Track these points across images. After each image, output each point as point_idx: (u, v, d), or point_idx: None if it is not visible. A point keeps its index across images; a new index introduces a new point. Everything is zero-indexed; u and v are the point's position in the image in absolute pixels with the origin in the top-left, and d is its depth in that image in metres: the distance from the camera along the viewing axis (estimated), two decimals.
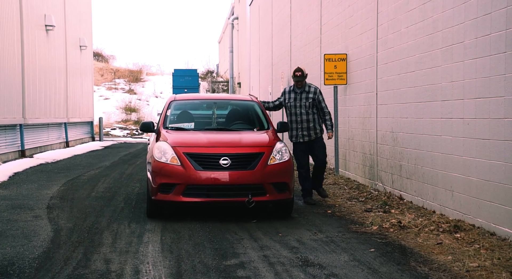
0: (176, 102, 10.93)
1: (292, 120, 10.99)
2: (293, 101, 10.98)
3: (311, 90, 11.02)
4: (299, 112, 10.92)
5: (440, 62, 9.21)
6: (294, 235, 8.07)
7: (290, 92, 11.10)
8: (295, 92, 11.02)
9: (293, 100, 10.98)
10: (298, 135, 10.94)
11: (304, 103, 10.91)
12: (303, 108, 10.91)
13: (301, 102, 10.92)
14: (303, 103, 10.91)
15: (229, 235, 8.04)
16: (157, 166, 8.99)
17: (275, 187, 9.03)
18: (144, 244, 7.47)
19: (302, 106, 10.91)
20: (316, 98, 10.98)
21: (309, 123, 10.91)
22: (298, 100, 10.94)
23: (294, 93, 11.02)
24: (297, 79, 10.90)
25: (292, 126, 10.97)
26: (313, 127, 10.94)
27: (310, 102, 10.93)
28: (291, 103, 11.00)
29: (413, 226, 8.34)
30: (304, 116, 10.91)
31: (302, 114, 10.92)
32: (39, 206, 10.28)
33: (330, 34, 16.11)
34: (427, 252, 7.01)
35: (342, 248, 7.29)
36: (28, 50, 20.59)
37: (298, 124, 10.93)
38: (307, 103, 10.91)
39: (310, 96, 10.95)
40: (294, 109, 10.96)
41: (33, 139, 21.34)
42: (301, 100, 10.93)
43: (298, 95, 10.96)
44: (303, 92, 10.96)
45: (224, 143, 9.30)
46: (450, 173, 8.93)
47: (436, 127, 9.37)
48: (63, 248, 7.25)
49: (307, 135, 10.91)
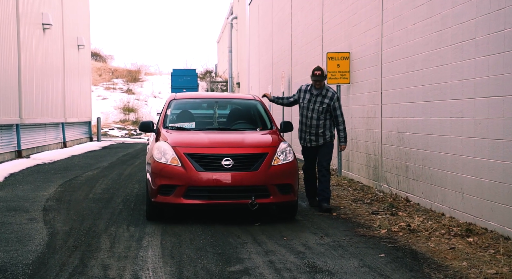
0: (176, 101, 10.61)
1: (302, 121, 10.31)
2: (307, 102, 10.20)
3: (328, 94, 10.15)
4: (310, 116, 10.16)
5: (449, 59, 8.91)
6: (300, 239, 7.76)
7: (306, 92, 10.29)
8: (311, 93, 10.21)
9: (307, 102, 10.20)
10: (305, 139, 10.27)
11: (317, 107, 10.09)
12: (316, 112, 10.11)
13: (315, 106, 10.11)
14: (316, 107, 10.10)
15: (232, 239, 7.73)
16: (157, 167, 8.68)
17: (279, 188, 8.72)
18: (143, 249, 7.15)
19: (315, 110, 10.11)
20: (332, 105, 10.10)
21: (318, 128, 10.14)
22: (312, 103, 10.14)
23: (310, 94, 10.21)
24: (316, 78, 10.06)
25: (301, 127, 10.31)
26: (322, 133, 10.17)
27: (325, 107, 10.09)
28: (304, 104, 10.25)
29: (423, 229, 8.04)
30: (314, 121, 10.13)
31: (313, 118, 10.15)
32: (35, 208, 9.96)
33: (333, 33, 15.81)
34: (440, 257, 6.70)
35: (351, 253, 6.98)
36: (25, 49, 20.27)
37: (307, 127, 10.21)
38: (320, 108, 10.09)
39: (325, 101, 10.09)
40: (306, 111, 10.22)
41: (29, 139, 21.02)
42: (315, 103, 10.11)
43: (313, 97, 10.15)
44: (319, 95, 10.12)
45: (226, 143, 8.99)
46: (460, 175, 8.62)
47: (445, 126, 9.07)
48: (59, 253, 6.93)
49: (314, 140, 10.19)
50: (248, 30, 35.62)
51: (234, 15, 43.80)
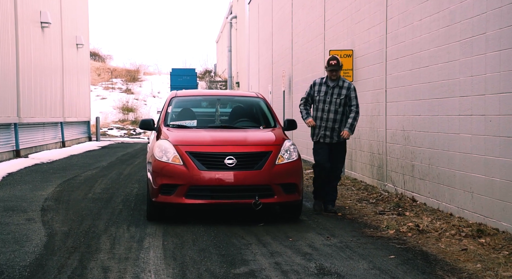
0: (178, 98, 10.38)
1: (317, 116, 9.63)
2: (323, 95, 9.58)
3: (345, 85, 9.60)
4: (327, 109, 9.54)
5: (457, 55, 8.69)
6: (306, 239, 7.53)
7: (321, 84, 9.67)
8: (327, 85, 9.61)
9: (323, 94, 9.58)
10: (319, 134, 9.60)
11: (335, 99, 9.52)
12: (333, 105, 9.52)
13: (332, 98, 9.52)
14: (334, 99, 9.52)
15: (235, 239, 7.50)
16: (158, 166, 8.45)
17: (283, 188, 8.49)
18: (145, 250, 6.92)
19: (333, 103, 9.52)
20: (349, 95, 9.56)
21: (335, 123, 9.54)
22: (329, 95, 9.54)
23: (326, 87, 9.61)
24: (332, 68, 9.48)
25: (317, 123, 9.64)
26: (338, 129, 9.56)
27: (342, 98, 9.53)
28: (320, 97, 9.59)
29: (432, 230, 7.81)
30: (331, 114, 9.53)
31: (330, 111, 9.52)
32: (33, 208, 9.73)
33: (335, 30, 15.59)
34: (452, 259, 6.47)
35: (359, 254, 6.75)
36: (23, 47, 20.03)
37: (322, 122, 9.58)
38: (338, 100, 9.52)
39: (343, 92, 9.55)
40: (322, 104, 9.57)
41: (28, 138, 20.78)
42: (333, 95, 9.53)
43: (330, 90, 9.56)
44: (336, 86, 9.57)
45: (229, 141, 8.77)
46: (469, 174, 8.40)
47: (454, 124, 8.85)
48: (57, 255, 6.70)
49: (329, 136, 9.55)
50: (248, 29, 35.40)
51: (234, 15, 43.61)
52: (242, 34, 39.22)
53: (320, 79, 9.80)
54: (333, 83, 9.58)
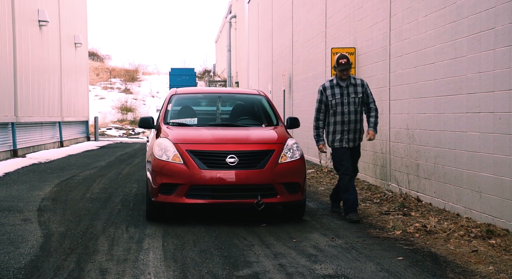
0: (178, 96, 10.15)
1: (337, 121, 8.86)
2: (340, 97, 8.83)
3: (358, 82, 8.92)
4: (347, 111, 8.82)
5: (465, 51, 8.47)
6: (310, 240, 7.31)
7: (332, 87, 8.91)
8: (340, 86, 8.88)
9: (340, 97, 8.83)
10: (343, 139, 8.85)
11: (353, 99, 8.84)
12: (352, 105, 8.83)
13: (349, 98, 8.83)
14: (351, 99, 8.83)
15: (237, 240, 7.28)
16: (158, 164, 8.23)
17: (287, 187, 8.26)
18: (144, 251, 6.70)
19: (351, 103, 8.82)
20: (366, 92, 8.93)
21: (357, 124, 8.89)
22: (346, 96, 8.84)
23: (339, 88, 8.87)
24: (343, 67, 8.77)
25: (336, 128, 8.87)
26: (360, 130, 8.99)
27: (360, 97, 8.88)
28: (337, 101, 8.84)
29: (440, 230, 7.58)
30: (353, 115, 8.84)
31: (350, 113, 8.82)
32: (29, 209, 9.50)
33: (337, 28, 15.37)
34: (463, 261, 6.24)
35: (366, 255, 6.52)
36: (21, 45, 19.80)
37: (345, 125, 8.84)
38: (356, 98, 8.84)
39: (359, 90, 8.88)
40: (341, 107, 8.82)
41: (25, 138, 20.55)
42: (349, 95, 8.84)
43: (344, 90, 8.84)
44: (350, 85, 8.88)
45: (230, 139, 8.54)
46: (477, 173, 8.18)
47: (461, 122, 8.63)
48: (53, 256, 6.47)
49: (352, 139, 8.90)
50: (247, 28, 35.19)
51: (233, 14, 43.41)
52: (242, 33, 39.01)
53: (329, 82, 9.06)
54: (345, 83, 8.90)
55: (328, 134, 8.99)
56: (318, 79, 17.17)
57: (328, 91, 8.95)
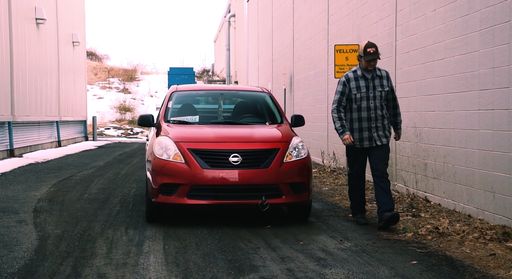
0: (179, 93, 9.82)
1: (362, 117, 7.91)
2: (365, 91, 7.89)
3: (383, 73, 8.04)
4: (373, 106, 7.87)
5: (477, 46, 8.15)
6: (317, 243, 6.99)
7: (357, 79, 7.96)
8: (365, 78, 7.94)
9: (365, 90, 7.89)
10: (371, 137, 7.91)
11: (379, 93, 7.90)
12: (378, 100, 7.89)
13: (375, 92, 7.89)
14: (377, 93, 7.89)
15: (242, 243, 6.96)
16: (158, 164, 7.90)
17: (292, 187, 7.94)
18: (144, 255, 6.38)
19: (377, 98, 7.89)
20: (391, 85, 8.07)
21: (383, 120, 7.97)
22: (372, 90, 7.89)
23: (365, 80, 7.93)
24: (371, 57, 7.83)
25: (362, 125, 7.92)
26: (387, 127, 8.05)
27: (387, 91, 7.97)
28: (362, 94, 7.89)
29: (453, 233, 7.26)
30: (379, 111, 7.90)
31: (376, 108, 7.88)
32: (25, 210, 9.18)
33: (339, 25, 15.06)
34: (481, 265, 5.91)
35: (378, 259, 6.20)
36: (17, 43, 19.46)
37: (371, 122, 7.90)
38: (383, 92, 7.92)
39: (385, 83, 7.98)
40: (366, 102, 7.87)
41: (22, 137, 20.22)
42: (375, 89, 7.90)
43: (370, 82, 7.91)
44: (376, 77, 7.97)
45: (233, 138, 8.22)
46: (491, 172, 7.86)
47: (473, 120, 8.31)
48: (49, 260, 6.15)
49: (378, 137, 7.93)
50: (247, 27, 34.87)
51: (232, 13, 43.12)
52: (241, 32, 38.71)
53: (352, 73, 8.06)
54: (370, 75, 7.97)
55: (352, 132, 7.99)
56: (319, 77, 16.87)
57: (352, 83, 7.97)
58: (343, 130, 7.97)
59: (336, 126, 8.02)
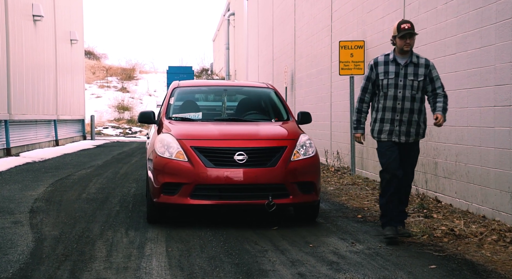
0: (181, 89, 9.47)
1: (387, 106, 6.94)
2: (394, 77, 6.93)
3: (421, 61, 6.97)
4: (401, 96, 6.89)
5: (492, 40, 7.81)
6: (328, 245, 6.65)
7: (387, 63, 7.00)
8: (396, 63, 6.96)
9: (394, 76, 6.93)
10: (393, 131, 6.94)
11: (410, 82, 6.91)
12: (409, 89, 6.89)
13: (406, 81, 6.90)
14: (408, 82, 6.90)
15: (248, 245, 6.61)
16: (160, 162, 7.56)
17: (300, 187, 7.59)
18: (146, 258, 6.03)
19: (408, 87, 6.89)
20: (430, 75, 6.98)
21: (412, 115, 6.92)
22: (402, 77, 6.91)
23: (395, 66, 6.95)
24: (405, 32, 6.85)
25: (385, 116, 6.97)
26: (417, 123, 6.98)
27: (421, 81, 6.93)
28: (390, 81, 6.92)
29: (470, 235, 6.92)
30: (408, 103, 6.89)
31: (405, 99, 6.88)
32: (21, 210, 8.83)
33: (343, 21, 14.72)
34: (505, 270, 5.56)
35: (394, 263, 5.86)
36: (14, 40, 19.09)
37: (396, 114, 6.92)
38: (415, 82, 6.92)
39: (421, 72, 6.94)
40: (393, 90, 6.91)
41: (19, 136, 19.85)
42: (406, 77, 6.91)
43: (402, 69, 6.93)
44: (410, 64, 6.95)
45: (239, 135, 7.88)
46: (507, 171, 7.51)
47: (487, 117, 7.97)
48: (45, 264, 5.80)
49: (405, 133, 6.94)
50: (246, 25, 34.53)
51: (231, 12, 42.80)
52: (240, 31, 38.38)
53: (383, 56, 7.12)
54: (404, 60, 6.96)
55: (374, 122, 7.09)
56: (322, 75, 16.54)
57: (381, 67, 7.01)
58: (357, 125, 7.24)
59: (353, 119, 7.30)
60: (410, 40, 6.90)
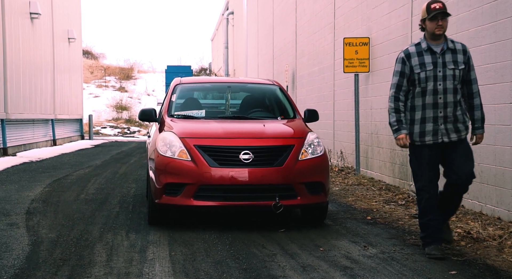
0: (183, 85, 9.14)
1: (426, 103, 6.01)
2: (432, 69, 5.98)
3: (458, 47, 6.07)
4: (442, 89, 5.94)
5: (509, 34, 7.50)
6: (339, 249, 6.33)
7: (421, 54, 6.05)
8: (431, 52, 6.02)
9: (432, 67, 5.99)
10: (438, 131, 5.99)
11: (451, 71, 5.96)
12: (450, 80, 5.95)
13: (446, 70, 5.96)
14: (449, 71, 5.96)
15: (255, 249, 6.29)
16: (162, 162, 7.23)
17: (308, 188, 7.26)
18: (149, 263, 5.71)
19: (449, 78, 5.96)
20: (468, 62, 6.09)
21: (456, 109, 5.99)
22: (441, 67, 5.96)
23: (431, 55, 6.02)
24: (437, 11, 5.91)
25: (425, 114, 6.02)
26: (462, 118, 6.05)
27: (462, 69, 6.02)
28: (428, 73, 5.98)
29: (488, 238, 6.59)
30: (450, 96, 5.95)
31: (447, 91, 5.94)
32: (17, 211, 8.50)
33: (347, 18, 14.41)
34: None
35: (411, 269, 5.53)
36: (11, 38, 18.74)
37: (439, 109, 5.97)
38: (456, 71, 5.96)
39: (460, 59, 6.02)
40: (433, 83, 5.96)
41: (16, 136, 19.51)
42: (446, 65, 5.97)
43: (439, 58, 5.99)
44: (447, 50, 6.03)
45: (244, 133, 7.55)
46: None
47: (503, 114, 7.65)
48: (42, 269, 5.47)
49: (454, 130, 6.01)
50: (246, 24, 34.21)
51: (230, 10, 42.50)
52: (240, 30, 38.07)
53: (414, 46, 6.15)
54: (439, 47, 6.03)
55: (412, 124, 6.10)
56: (325, 73, 16.22)
57: (415, 59, 6.06)
58: (398, 126, 6.09)
59: (391, 121, 6.16)
60: (442, 21, 5.93)
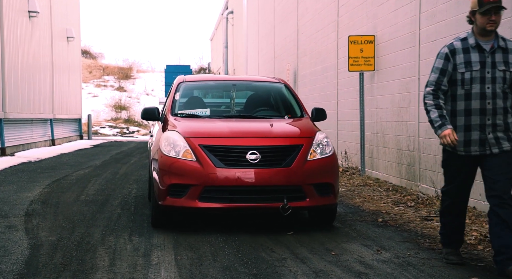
0: (187, 83, 8.88)
1: (472, 109, 5.30)
2: (480, 69, 5.28)
3: (510, 46, 5.33)
4: (490, 93, 5.25)
5: None
6: (351, 253, 6.08)
7: (467, 51, 5.34)
8: (480, 49, 5.32)
9: (479, 67, 5.28)
10: (486, 141, 5.32)
11: (501, 73, 5.27)
12: (500, 83, 5.26)
13: (495, 72, 5.27)
14: (499, 73, 5.27)
15: (264, 253, 6.04)
16: (166, 162, 6.97)
17: (317, 189, 7.01)
18: (153, 268, 5.45)
19: (498, 80, 5.26)
20: None
21: (506, 116, 5.30)
22: (489, 67, 5.27)
23: (478, 53, 5.31)
24: (492, 5, 5.18)
25: (471, 121, 5.33)
26: (509, 125, 5.35)
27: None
28: (475, 74, 5.29)
29: None
30: (499, 101, 5.27)
31: (497, 96, 5.25)
32: (15, 213, 8.24)
33: (351, 15, 14.16)
34: None
35: (430, 275, 5.28)
36: (9, 37, 18.47)
37: (486, 117, 5.28)
38: (508, 73, 5.28)
39: (511, 60, 5.31)
40: (479, 85, 5.27)
41: (14, 135, 19.24)
42: (495, 66, 5.27)
43: (488, 57, 5.29)
44: (498, 49, 5.31)
45: (251, 133, 7.29)
46: None
47: None
48: (41, 274, 5.22)
49: (495, 141, 5.31)
50: (246, 24, 33.95)
51: (230, 10, 42.24)
52: (239, 29, 37.82)
53: (461, 41, 5.41)
54: (489, 44, 5.32)
55: (458, 132, 5.40)
56: (328, 72, 15.98)
57: (459, 56, 5.33)
58: (442, 122, 5.35)
59: (432, 117, 5.41)
60: (496, 16, 5.23)
